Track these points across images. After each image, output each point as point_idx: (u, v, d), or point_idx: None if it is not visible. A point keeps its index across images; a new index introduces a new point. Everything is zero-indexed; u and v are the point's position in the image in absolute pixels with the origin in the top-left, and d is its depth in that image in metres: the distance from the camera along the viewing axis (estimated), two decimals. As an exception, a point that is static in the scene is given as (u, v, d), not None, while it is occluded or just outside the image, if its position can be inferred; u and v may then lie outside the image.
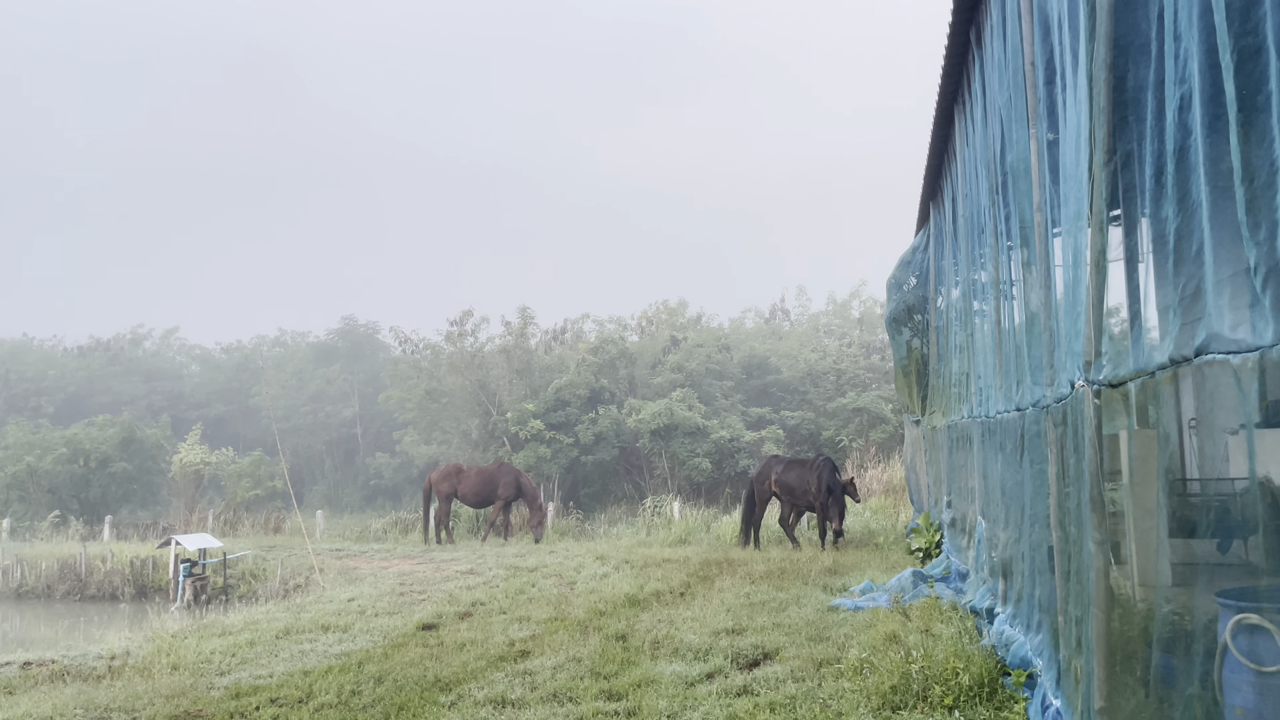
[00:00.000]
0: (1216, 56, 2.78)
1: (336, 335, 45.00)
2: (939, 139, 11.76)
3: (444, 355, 33.35)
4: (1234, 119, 2.72)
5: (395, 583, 15.38)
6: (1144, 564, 6.02)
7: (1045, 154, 5.83)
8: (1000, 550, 8.12)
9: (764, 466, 18.06)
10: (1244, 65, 2.66)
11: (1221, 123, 2.78)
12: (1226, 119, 2.75)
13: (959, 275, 11.31)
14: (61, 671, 9.70)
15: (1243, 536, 5.96)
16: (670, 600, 11.91)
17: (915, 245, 16.02)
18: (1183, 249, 3.12)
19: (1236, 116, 2.65)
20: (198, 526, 27.20)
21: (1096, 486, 4.43)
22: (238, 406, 43.60)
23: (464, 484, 22.30)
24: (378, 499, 36.40)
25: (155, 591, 20.01)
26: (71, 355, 49.89)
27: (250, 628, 11.66)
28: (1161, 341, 3.42)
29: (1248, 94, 2.63)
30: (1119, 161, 4.43)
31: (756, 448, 28.10)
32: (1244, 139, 2.62)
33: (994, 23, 7.49)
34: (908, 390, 16.84)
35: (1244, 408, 2.93)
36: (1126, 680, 4.34)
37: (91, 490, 30.61)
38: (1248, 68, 2.63)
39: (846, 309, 40.45)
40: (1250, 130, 2.60)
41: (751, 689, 7.41)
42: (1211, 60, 2.88)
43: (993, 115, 7.87)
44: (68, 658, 10.43)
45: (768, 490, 17.66)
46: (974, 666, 6.73)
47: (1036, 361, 6.10)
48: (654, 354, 35.06)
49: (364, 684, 8.30)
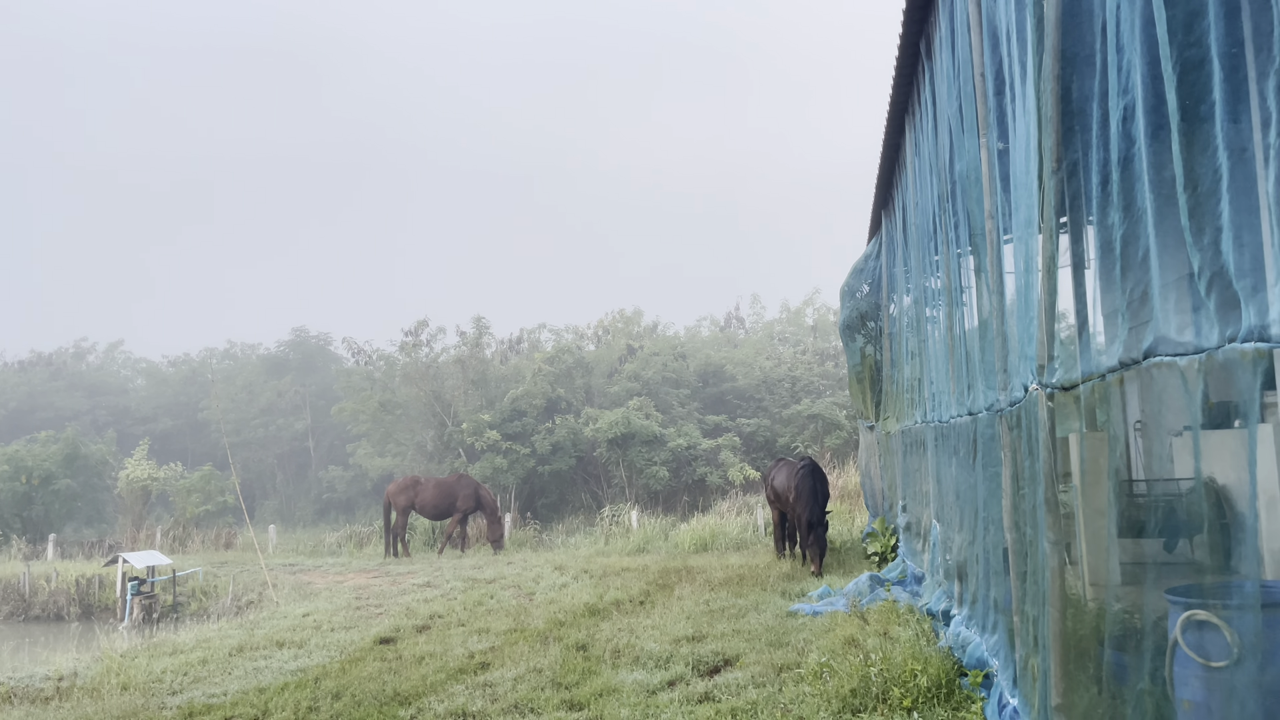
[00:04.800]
0: (1159, 68, 2.87)
1: (287, 347, 44.33)
2: (890, 148, 11.94)
3: (398, 366, 33.02)
4: (1176, 128, 2.81)
5: (351, 597, 15.18)
6: (1095, 563, 6.15)
7: (996, 163, 5.96)
8: (955, 553, 8.24)
9: (767, 471, 16.97)
10: (1187, 76, 2.75)
11: (1164, 132, 2.87)
12: (1169, 128, 2.83)
13: (911, 282, 11.48)
14: (8, 694, 9.43)
15: (1189, 535, 6.11)
16: (630, 609, 11.90)
17: (868, 253, 16.22)
18: (1129, 254, 3.21)
19: (1180, 126, 2.73)
20: (145, 544, 26.60)
21: (1051, 488, 4.53)
22: (186, 420, 42.75)
23: (421, 495, 22.08)
24: (331, 512, 35.89)
25: (102, 611, 19.51)
26: (12, 370, 48.57)
27: (202, 646, 11.43)
28: (1110, 345, 3.50)
29: (1190, 104, 2.72)
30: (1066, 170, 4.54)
31: (713, 455, 28.20)
32: (1187, 147, 2.71)
33: (943, 34, 7.64)
34: (862, 396, 17.02)
35: (1190, 409, 3.01)
36: (1081, 677, 4.43)
37: (34, 508, 29.79)
38: (1191, 78, 2.72)
39: (800, 316, 40.78)
40: (1193, 139, 2.68)
41: (713, 696, 7.43)
42: (1154, 71, 2.97)
43: (942, 125, 8.02)
44: (14, 679, 10.13)
45: (770, 495, 16.10)
46: (931, 668, 6.83)
47: (989, 366, 6.21)
48: (610, 363, 35.05)
49: (321, 700, 8.18)
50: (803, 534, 14.12)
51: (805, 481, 14.22)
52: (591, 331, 39.55)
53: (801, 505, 14.12)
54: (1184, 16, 2.77)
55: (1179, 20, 2.79)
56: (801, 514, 14.12)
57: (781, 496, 15.22)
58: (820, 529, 13.84)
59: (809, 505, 13.95)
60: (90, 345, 52.35)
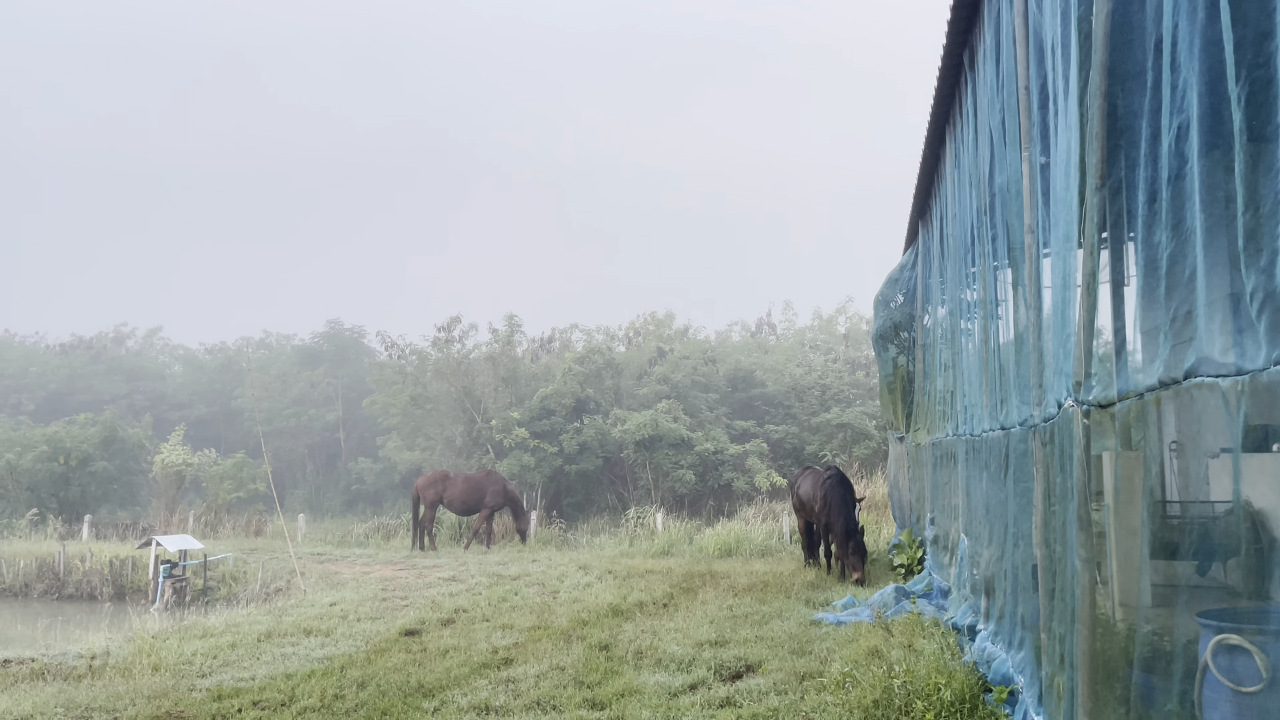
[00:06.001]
0: (1218, 87, 2.85)
1: (322, 339, 44.79)
2: (930, 159, 11.88)
3: (430, 361, 33.24)
4: (1240, 149, 2.78)
5: (377, 588, 15.32)
6: (1126, 583, 6.09)
7: (1038, 176, 5.92)
8: (983, 567, 8.19)
9: (793, 478, 16.88)
10: (1254, 97, 2.72)
11: (1218, 151, 2.85)
12: (1223, 148, 2.81)
13: (946, 294, 11.42)
14: (41, 670, 9.62)
15: (1223, 559, 6.04)
16: (653, 611, 11.92)
17: (903, 263, 16.14)
18: (1175, 273, 3.19)
19: (1245, 147, 2.71)
20: (178, 528, 26.99)
21: (1084, 506, 4.50)
22: (220, 408, 43.30)
23: (451, 490, 22.23)
24: (359, 504, 36.22)
25: (134, 592, 19.82)
26: (53, 352, 49.44)
27: (231, 630, 11.60)
28: (1150, 364, 3.48)
29: (1257, 125, 2.70)
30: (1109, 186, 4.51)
31: (740, 461, 28.14)
32: (1250, 169, 2.68)
33: (988, 47, 7.60)
34: (892, 407, 16.93)
35: (1231, 431, 2.99)
36: (1108, 698, 4.40)
37: (71, 489, 30.32)
38: (1258, 99, 2.70)
39: (832, 324, 40.57)
40: (1258, 160, 2.66)
41: (734, 701, 7.44)
42: (1212, 90, 2.94)
43: (983, 137, 7.97)
44: (47, 656, 10.34)
45: (796, 503, 16.02)
46: (955, 682, 6.79)
47: (1024, 381, 6.17)
48: (640, 365, 35.07)
49: (347, 688, 8.28)
50: (839, 544, 14.04)
51: (834, 492, 14.20)
52: (622, 333, 39.62)
53: (832, 516, 14.06)
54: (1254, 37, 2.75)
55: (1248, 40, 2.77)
56: (834, 524, 14.05)
57: (806, 505, 15.18)
58: (858, 536, 13.86)
59: (842, 515, 13.92)
60: (130, 330, 53.19)
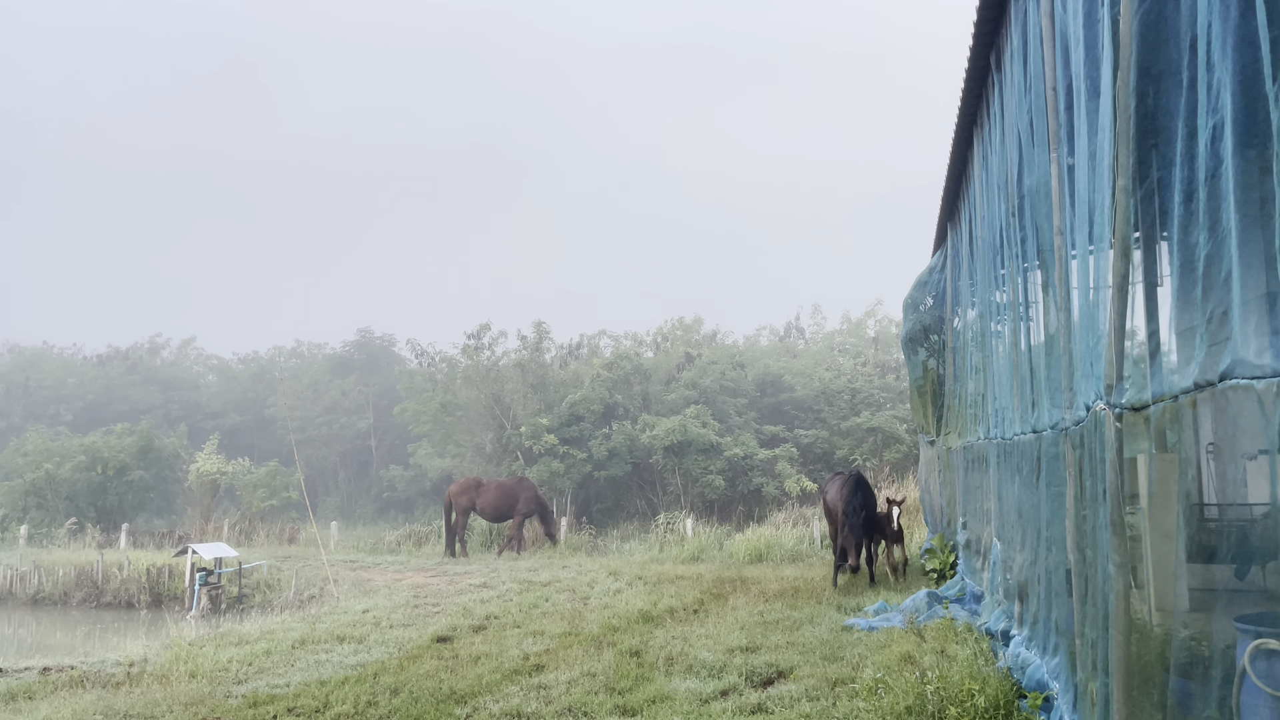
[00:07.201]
0: (1252, 87, 2.81)
1: (353, 347, 45.26)
2: (957, 161, 11.81)
3: (460, 368, 33.44)
4: (1278, 148, 2.74)
5: (409, 595, 15.42)
6: (1162, 588, 6.01)
7: (1067, 177, 5.87)
8: (1016, 572, 8.11)
9: (824, 483, 16.63)
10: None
11: (1253, 150, 2.81)
12: (1258, 148, 2.78)
13: (976, 296, 11.33)
14: (80, 678, 9.78)
15: (1262, 562, 5.94)
16: (684, 617, 11.91)
17: (932, 266, 16.03)
18: (1212, 274, 3.15)
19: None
20: (213, 536, 27.32)
21: (1117, 509, 4.45)
22: (253, 417, 43.83)
23: (483, 498, 22.33)
24: (391, 511, 36.48)
25: (171, 600, 20.09)
26: (90, 364, 50.27)
27: (266, 637, 11.72)
28: (1185, 366, 3.44)
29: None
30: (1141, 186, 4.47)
31: (770, 466, 28.05)
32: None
33: (1014, 47, 7.55)
34: (923, 410, 16.81)
35: (1267, 432, 2.95)
36: (1144, 703, 4.34)
37: (108, 498, 30.79)
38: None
39: (861, 328, 40.36)
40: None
41: (766, 707, 7.41)
42: (1246, 90, 2.91)
43: (1011, 138, 7.92)
44: (86, 664, 10.51)
45: (825, 509, 15.52)
46: (989, 688, 6.72)
47: (1055, 384, 6.11)
48: (668, 370, 35.07)
49: (380, 695, 8.34)
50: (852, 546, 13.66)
51: (852, 495, 13.81)
52: (650, 338, 39.64)
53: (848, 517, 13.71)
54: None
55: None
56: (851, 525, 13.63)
57: (831, 510, 14.92)
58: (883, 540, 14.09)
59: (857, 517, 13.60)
60: (164, 341, 54.05)
